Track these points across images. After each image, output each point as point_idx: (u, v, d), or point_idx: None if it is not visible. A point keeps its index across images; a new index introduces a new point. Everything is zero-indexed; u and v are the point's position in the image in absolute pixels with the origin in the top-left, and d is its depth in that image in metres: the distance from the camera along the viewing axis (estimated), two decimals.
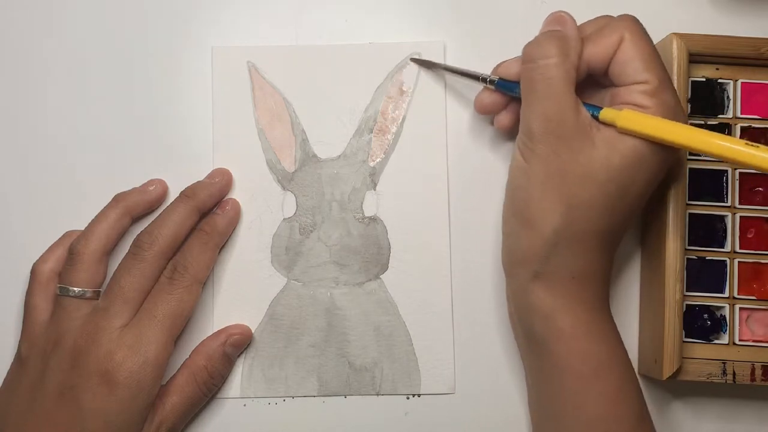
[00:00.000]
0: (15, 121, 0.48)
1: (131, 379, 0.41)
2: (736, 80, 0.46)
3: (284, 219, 0.48)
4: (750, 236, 0.46)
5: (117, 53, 0.49)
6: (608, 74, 0.41)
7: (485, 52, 0.48)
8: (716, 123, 0.46)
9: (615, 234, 0.42)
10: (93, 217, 0.45)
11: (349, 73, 0.48)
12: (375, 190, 0.48)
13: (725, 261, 0.45)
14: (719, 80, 0.46)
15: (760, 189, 0.46)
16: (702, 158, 0.46)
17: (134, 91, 0.48)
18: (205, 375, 0.45)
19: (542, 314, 0.41)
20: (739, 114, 0.46)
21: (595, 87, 0.43)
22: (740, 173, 0.46)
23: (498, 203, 0.45)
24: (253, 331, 0.47)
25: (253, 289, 0.47)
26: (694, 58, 0.45)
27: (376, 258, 0.47)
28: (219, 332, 0.46)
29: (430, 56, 0.48)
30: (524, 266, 0.42)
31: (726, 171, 0.46)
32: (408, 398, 0.47)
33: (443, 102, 0.48)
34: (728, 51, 0.45)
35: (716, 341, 0.45)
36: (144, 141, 0.48)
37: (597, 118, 0.41)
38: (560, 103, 0.40)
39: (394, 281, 0.47)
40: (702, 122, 0.46)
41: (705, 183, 0.46)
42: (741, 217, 0.46)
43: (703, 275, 0.45)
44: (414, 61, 0.48)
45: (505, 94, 0.45)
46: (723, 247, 0.45)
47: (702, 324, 0.45)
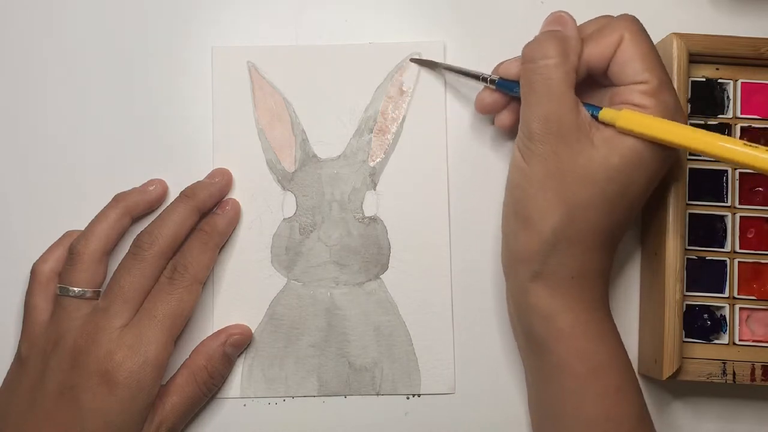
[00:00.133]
0: (15, 121, 0.48)
1: (131, 379, 0.41)
2: (736, 80, 0.46)
3: (284, 219, 0.48)
4: (750, 236, 0.46)
5: (117, 53, 0.49)
6: (608, 74, 0.41)
7: (485, 52, 0.48)
8: (716, 123, 0.46)
9: (614, 233, 0.42)
10: (93, 217, 0.45)
11: (349, 73, 0.48)
12: (375, 190, 0.48)
13: (725, 261, 0.45)
14: (719, 80, 0.46)
15: (760, 189, 0.46)
16: (702, 158, 0.46)
17: (134, 91, 0.48)
18: (205, 375, 0.45)
19: (542, 314, 0.41)
20: (739, 114, 0.46)
21: (595, 87, 0.43)
22: (740, 173, 0.46)
23: (498, 203, 0.45)
24: (253, 331, 0.47)
25: (253, 289, 0.47)
26: (694, 58, 0.45)
27: (376, 258, 0.47)
28: (219, 332, 0.46)
29: (430, 56, 0.48)
30: (524, 266, 0.42)
31: (726, 171, 0.46)
32: (408, 398, 0.47)
33: (443, 102, 0.48)
34: (728, 51, 0.45)
35: (716, 341, 0.45)
36: (144, 141, 0.48)
37: (597, 118, 0.41)
38: (560, 104, 0.40)
39: (394, 281, 0.47)
40: (702, 122, 0.46)
41: (705, 183, 0.46)
42: (741, 217, 0.46)
43: (703, 275, 0.45)
44: (414, 61, 0.48)
45: (506, 94, 0.45)
46: (723, 247, 0.45)
47: (702, 324, 0.45)
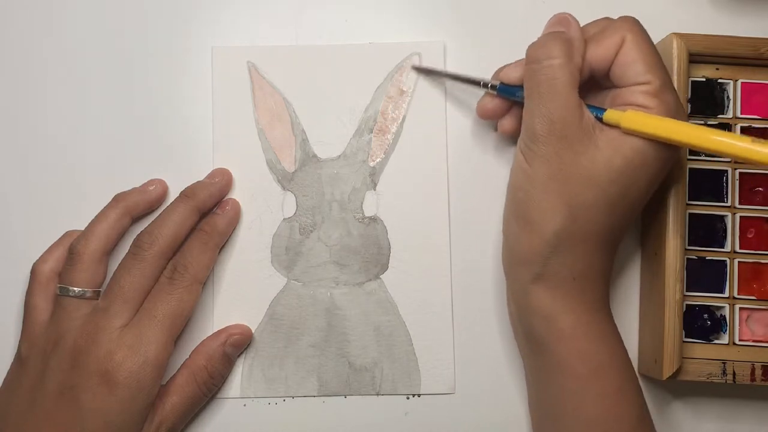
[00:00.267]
0: (15, 121, 0.48)
1: (131, 379, 0.41)
2: (736, 80, 0.46)
3: (284, 219, 0.48)
4: (750, 236, 0.46)
5: (117, 53, 0.49)
6: (609, 76, 0.41)
7: (485, 52, 0.48)
8: (716, 123, 0.46)
9: (616, 235, 0.42)
10: (93, 217, 0.45)
11: (349, 73, 0.48)
12: (375, 190, 0.48)
13: (725, 261, 0.45)
14: (719, 80, 0.46)
15: (760, 189, 0.46)
16: (702, 158, 0.46)
17: (134, 91, 0.48)
18: (205, 375, 0.45)
19: (543, 315, 0.41)
20: (739, 114, 0.46)
21: (595, 89, 0.43)
22: (740, 173, 0.46)
23: (498, 203, 0.45)
24: (253, 331, 0.47)
25: (253, 289, 0.47)
26: (694, 58, 0.45)
27: (376, 258, 0.47)
28: (219, 332, 0.46)
29: (430, 56, 0.48)
30: (525, 267, 0.42)
31: (726, 171, 0.46)
32: (408, 398, 0.47)
33: (443, 102, 0.48)
34: (728, 51, 0.45)
35: (716, 341, 0.45)
36: (144, 141, 0.48)
37: (600, 120, 0.40)
38: (564, 104, 0.40)
39: (394, 281, 0.47)
40: (702, 122, 0.46)
41: (705, 183, 0.46)
42: (741, 217, 0.46)
43: (703, 275, 0.45)
44: (415, 69, 0.48)
45: (508, 99, 0.45)
46: (723, 247, 0.45)
47: (702, 324, 0.45)
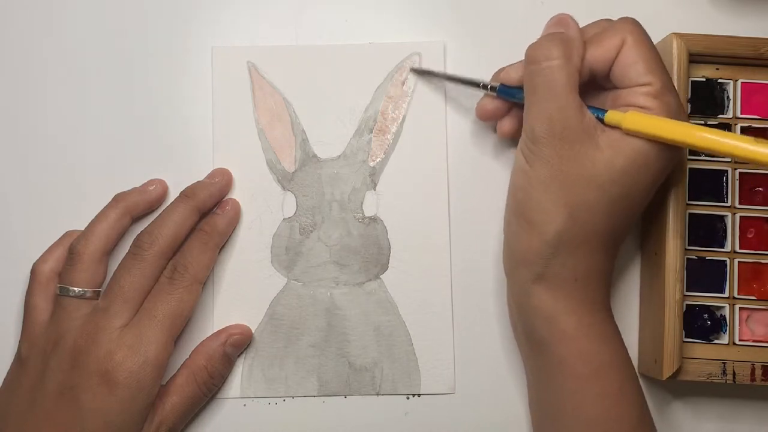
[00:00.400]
0: (15, 121, 0.48)
1: (131, 379, 0.41)
2: (736, 80, 0.46)
3: (284, 219, 0.48)
4: (750, 236, 0.46)
5: (117, 53, 0.49)
6: (610, 77, 0.41)
7: (485, 52, 0.48)
8: (716, 123, 0.46)
9: (617, 235, 0.42)
10: (93, 217, 0.45)
11: (349, 73, 0.48)
12: (375, 190, 0.48)
13: (725, 261, 0.45)
14: (719, 80, 0.46)
15: (760, 189, 0.46)
16: (702, 158, 0.46)
17: (134, 91, 0.48)
18: (205, 375, 0.45)
19: (544, 316, 0.41)
20: (739, 114, 0.46)
21: (596, 90, 0.43)
22: (740, 173, 0.46)
23: (498, 203, 0.45)
24: (253, 331, 0.47)
25: (253, 289, 0.47)
26: (694, 58, 0.45)
27: (376, 258, 0.47)
28: (219, 332, 0.46)
29: (430, 56, 0.48)
30: (526, 268, 0.42)
31: (726, 171, 0.46)
32: (408, 398, 0.47)
33: (443, 102, 0.48)
34: (728, 51, 0.45)
35: (716, 341, 0.45)
36: (144, 141, 0.48)
37: (601, 121, 0.40)
38: (564, 105, 0.40)
39: (394, 281, 0.47)
40: (702, 122, 0.46)
41: (705, 183, 0.46)
42: (741, 217, 0.46)
43: (703, 275, 0.45)
44: (414, 71, 0.48)
45: (507, 101, 0.45)
46: (723, 247, 0.45)
47: (702, 324, 0.45)
